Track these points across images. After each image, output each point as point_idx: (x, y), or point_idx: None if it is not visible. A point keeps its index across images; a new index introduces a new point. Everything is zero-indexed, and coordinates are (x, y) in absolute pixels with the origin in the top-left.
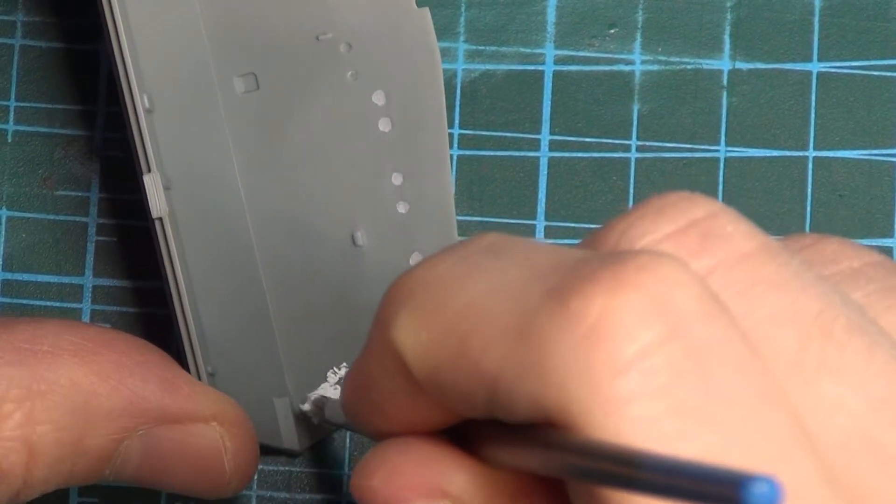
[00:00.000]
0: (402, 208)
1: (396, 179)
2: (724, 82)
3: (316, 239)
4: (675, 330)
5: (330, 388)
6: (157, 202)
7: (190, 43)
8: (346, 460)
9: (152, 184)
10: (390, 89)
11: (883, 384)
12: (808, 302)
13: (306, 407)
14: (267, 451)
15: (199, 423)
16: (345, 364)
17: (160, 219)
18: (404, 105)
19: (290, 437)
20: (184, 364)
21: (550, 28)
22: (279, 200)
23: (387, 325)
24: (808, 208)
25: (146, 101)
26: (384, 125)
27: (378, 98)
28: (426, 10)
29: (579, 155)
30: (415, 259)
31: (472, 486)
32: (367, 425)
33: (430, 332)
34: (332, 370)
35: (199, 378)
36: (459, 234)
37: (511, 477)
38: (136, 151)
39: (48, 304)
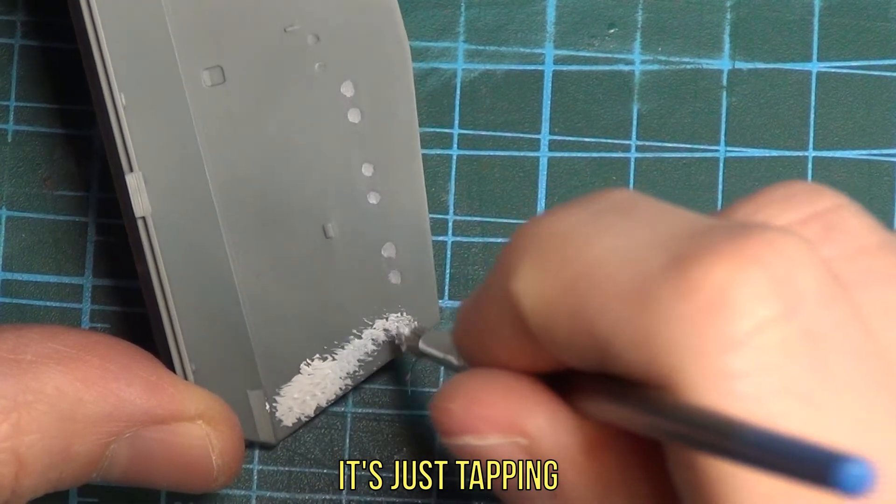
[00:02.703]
0: (373, 199)
1: (367, 170)
2: (724, 82)
3: (287, 231)
4: (793, 310)
5: (305, 380)
6: (140, 201)
7: (156, 36)
8: (346, 460)
9: (135, 183)
10: (359, 80)
11: None
12: None
13: (404, 331)
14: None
15: (184, 422)
16: (318, 356)
17: (143, 218)
18: (374, 95)
19: (265, 429)
20: (167, 363)
21: (550, 28)
22: (249, 194)
23: (508, 272)
24: None
25: (123, 98)
26: (354, 116)
27: (347, 89)
28: (394, 0)
29: (579, 155)
30: (387, 250)
31: (551, 429)
32: (473, 360)
33: (551, 287)
34: (305, 362)
35: (185, 376)
36: (458, 235)
37: (594, 430)
38: (116, 150)
39: (48, 304)
